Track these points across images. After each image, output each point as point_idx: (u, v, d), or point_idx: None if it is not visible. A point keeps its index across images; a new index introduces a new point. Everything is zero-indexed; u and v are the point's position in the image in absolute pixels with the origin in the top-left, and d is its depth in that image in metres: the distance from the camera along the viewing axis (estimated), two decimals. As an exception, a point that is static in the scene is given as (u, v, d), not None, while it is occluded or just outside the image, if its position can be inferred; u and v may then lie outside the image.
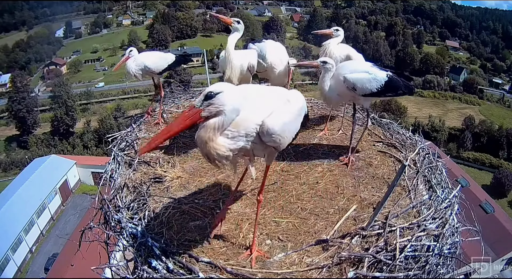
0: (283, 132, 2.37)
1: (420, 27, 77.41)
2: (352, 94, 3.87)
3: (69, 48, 66.89)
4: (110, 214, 3.16)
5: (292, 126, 2.51)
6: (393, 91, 3.96)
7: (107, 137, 4.55)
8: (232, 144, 2.22)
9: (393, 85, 3.88)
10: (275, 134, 2.31)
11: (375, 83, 3.76)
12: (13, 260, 19.87)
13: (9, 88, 46.58)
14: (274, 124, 2.30)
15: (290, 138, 2.52)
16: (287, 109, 2.48)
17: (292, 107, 2.53)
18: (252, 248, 2.71)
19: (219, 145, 2.16)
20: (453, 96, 55.08)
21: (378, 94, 3.88)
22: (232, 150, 2.22)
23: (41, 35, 65.04)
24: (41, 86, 55.40)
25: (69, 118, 41.85)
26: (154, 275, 2.55)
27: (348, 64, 4.11)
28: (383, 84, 3.78)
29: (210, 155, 2.18)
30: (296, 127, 2.59)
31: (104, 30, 73.09)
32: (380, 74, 3.81)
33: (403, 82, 3.99)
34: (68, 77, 55.50)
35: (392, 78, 3.87)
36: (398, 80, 3.94)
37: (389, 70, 4.02)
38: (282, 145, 2.44)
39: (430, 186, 3.62)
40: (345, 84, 3.79)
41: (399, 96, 4.32)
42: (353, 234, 2.89)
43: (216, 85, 2.13)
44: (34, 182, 23.59)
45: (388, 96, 4.08)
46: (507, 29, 75.92)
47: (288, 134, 2.46)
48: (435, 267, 2.82)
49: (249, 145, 2.32)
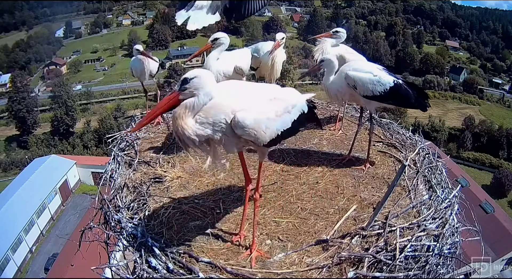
0: (257, 127, 2.35)
1: (420, 27, 77.30)
2: (352, 92, 3.80)
3: (69, 48, 66.83)
4: (110, 214, 3.16)
5: (273, 123, 2.45)
6: (399, 100, 3.79)
7: (107, 137, 4.55)
8: (199, 130, 2.28)
9: (400, 93, 3.70)
10: (247, 127, 2.30)
11: (378, 86, 3.64)
12: (13, 260, 19.87)
13: (9, 88, 46.56)
14: (245, 118, 2.29)
15: (271, 135, 2.47)
16: (270, 105, 2.46)
17: (277, 104, 2.51)
18: (252, 247, 2.71)
19: (187, 126, 2.25)
20: (453, 96, 55.03)
21: (381, 99, 3.73)
22: (198, 136, 2.28)
23: (41, 35, 64.97)
24: (41, 86, 55.37)
25: (69, 118, 41.85)
26: (154, 275, 2.55)
27: (355, 62, 4.03)
28: (388, 89, 3.65)
29: (179, 133, 2.28)
30: (282, 125, 2.53)
31: (104, 30, 73.00)
32: (386, 78, 3.68)
33: (415, 95, 3.79)
34: (68, 77, 55.45)
35: (401, 86, 3.70)
36: (408, 90, 3.74)
37: (401, 78, 3.85)
38: (260, 140, 2.43)
39: (430, 186, 3.62)
40: (346, 80, 3.75)
41: (408, 108, 4.07)
42: (353, 234, 2.89)
43: (193, 71, 2.28)
44: (34, 182, 23.59)
45: (391, 103, 3.91)
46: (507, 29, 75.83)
47: (267, 130, 2.42)
48: (435, 267, 2.82)
49: (219, 136, 2.34)
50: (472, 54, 71.73)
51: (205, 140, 2.34)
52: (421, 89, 4.05)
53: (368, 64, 4.08)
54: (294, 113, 2.64)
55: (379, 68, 3.80)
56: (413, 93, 3.79)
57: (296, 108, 2.66)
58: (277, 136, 2.52)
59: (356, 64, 3.93)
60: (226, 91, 2.37)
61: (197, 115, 2.27)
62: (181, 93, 2.25)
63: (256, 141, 2.43)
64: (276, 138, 2.54)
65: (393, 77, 3.76)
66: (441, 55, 62.71)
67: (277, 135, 2.52)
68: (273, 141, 2.54)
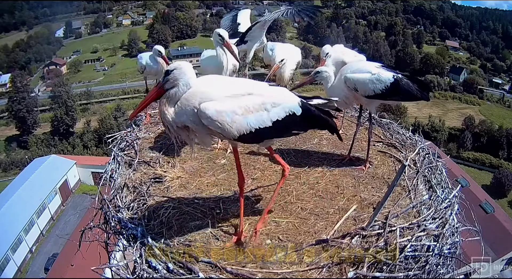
0: (221, 119, 2.41)
1: (420, 27, 77.32)
2: (355, 94, 3.78)
3: (69, 48, 66.83)
4: (110, 214, 3.17)
5: (240, 118, 2.46)
6: (400, 95, 3.74)
7: (107, 137, 4.55)
8: (176, 117, 2.49)
9: (401, 88, 3.67)
10: (209, 118, 2.40)
11: (378, 84, 3.62)
12: (13, 260, 19.85)
13: (9, 88, 46.54)
14: (207, 108, 2.39)
15: (240, 129, 2.48)
16: (241, 99, 2.48)
17: (250, 99, 2.50)
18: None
19: (168, 112, 2.49)
20: (453, 96, 55.02)
21: (383, 97, 3.71)
22: (176, 122, 2.50)
23: (41, 35, 64.97)
24: (41, 86, 55.34)
25: (69, 118, 41.82)
26: (154, 275, 2.55)
27: (353, 64, 3.97)
28: (388, 85, 3.62)
29: (162, 119, 2.55)
30: (256, 122, 2.51)
31: (104, 30, 73.03)
32: (386, 74, 3.65)
33: (416, 87, 3.76)
34: (68, 77, 55.44)
35: (401, 80, 3.67)
36: (409, 83, 3.71)
37: (400, 72, 3.81)
38: (227, 133, 2.47)
39: (430, 186, 3.62)
40: (347, 83, 3.74)
41: (410, 101, 3.97)
42: (353, 234, 2.89)
43: (174, 63, 2.53)
44: (34, 182, 23.57)
45: (395, 99, 3.88)
46: (507, 29, 75.84)
47: (234, 124, 2.45)
48: (435, 267, 2.82)
49: (192, 125, 2.49)
50: (472, 54, 71.74)
51: (184, 127, 2.51)
52: (422, 81, 3.99)
53: (365, 63, 4.05)
54: (276, 112, 2.57)
55: (377, 66, 3.78)
56: (414, 85, 3.76)
57: (279, 108, 2.58)
58: (250, 133, 2.51)
59: (353, 65, 3.89)
60: (203, 83, 2.52)
61: (177, 103, 2.48)
62: (165, 84, 2.48)
63: (224, 134, 2.49)
64: (250, 135, 2.52)
65: (393, 72, 3.72)
66: (441, 55, 62.68)
67: (250, 131, 2.50)
68: (247, 137, 2.52)
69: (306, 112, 2.71)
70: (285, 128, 2.68)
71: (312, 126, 2.90)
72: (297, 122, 2.69)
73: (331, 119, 2.90)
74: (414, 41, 69.28)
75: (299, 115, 2.66)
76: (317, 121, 2.82)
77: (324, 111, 2.85)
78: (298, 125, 2.73)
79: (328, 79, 3.86)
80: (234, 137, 2.50)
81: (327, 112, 2.88)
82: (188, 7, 74.44)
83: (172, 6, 74.03)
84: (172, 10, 70.26)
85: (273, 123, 2.56)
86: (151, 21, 68.54)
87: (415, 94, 3.76)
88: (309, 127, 2.88)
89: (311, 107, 2.77)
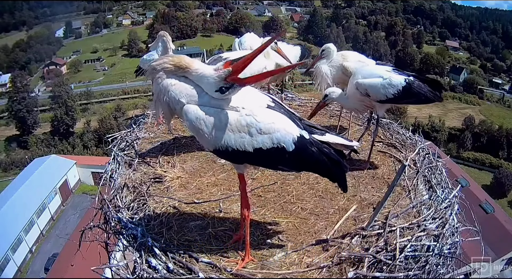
0: (197, 126, 2.23)
1: (420, 27, 77.36)
2: (367, 99, 3.75)
3: (69, 48, 66.83)
4: (110, 214, 3.16)
5: (219, 132, 2.23)
6: (413, 97, 3.70)
7: (107, 137, 4.55)
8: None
9: (413, 91, 3.62)
10: (187, 120, 2.25)
11: (390, 89, 3.59)
12: (13, 260, 19.84)
13: (9, 88, 46.43)
14: (188, 110, 2.24)
15: (215, 144, 2.26)
16: (227, 114, 2.23)
17: (236, 118, 2.23)
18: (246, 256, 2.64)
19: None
20: (453, 96, 54.98)
21: (396, 101, 3.68)
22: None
23: (41, 35, 64.98)
24: (41, 86, 55.32)
25: (69, 118, 41.79)
26: (154, 275, 2.55)
27: (364, 69, 3.92)
28: (400, 89, 3.59)
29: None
30: (235, 142, 2.24)
31: (104, 30, 73.05)
32: (397, 78, 3.62)
33: (428, 88, 3.71)
34: (68, 77, 55.41)
35: (412, 83, 3.63)
36: (421, 85, 3.67)
37: (411, 74, 3.76)
38: (204, 142, 2.33)
39: (430, 186, 3.62)
40: (358, 89, 3.71)
41: (423, 104, 3.90)
42: (353, 234, 2.90)
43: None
44: (34, 182, 23.55)
45: (407, 102, 3.85)
46: (507, 29, 75.88)
47: (210, 136, 2.24)
48: (435, 267, 2.82)
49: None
50: (472, 54, 71.80)
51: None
52: (433, 80, 3.92)
53: (376, 68, 4.00)
54: (261, 140, 2.24)
55: (388, 69, 3.74)
56: (426, 87, 3.71)
57: (265, 136, 2.25)
58: (226, 150, 2.27)
59: (364, 70, 3.85)
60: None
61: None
62: None
63: (201, 141, 2.38)
64: (226, 152, 2.28)
65: (404, 75, 3.69)
66: (441, 55, 62.75)
67: (226, 148, 2.26)
68: (223, 153, 2.30)
69: (301, 150, 2.31)
70: (270, 161, 2.36)
71: (308, 168, 2.47)
72: (285, 159, 2.31)
73: (340, 168, 2.45)
74: (414, 41, 69.32)
75: (289, 151, 2.29)
76: (316, 164, 2.40)
77: (335, 152, 2.43)
78: (286, 162, 2.34)
79: (340, 96, 3.84)
80: (209, 149, 2.36)
81: (339, 154, 2.47)
82: (188, 7, 74.47)
83: (172, 6, 74.01)
84: (172, 10, 70.22)
85: (254, 150, 2.27)
86: (151, 21, 68.62)
87: (428, 96, 3.71)
88: (302, 168, 2.46)
89: (311, 146, 2.35)
